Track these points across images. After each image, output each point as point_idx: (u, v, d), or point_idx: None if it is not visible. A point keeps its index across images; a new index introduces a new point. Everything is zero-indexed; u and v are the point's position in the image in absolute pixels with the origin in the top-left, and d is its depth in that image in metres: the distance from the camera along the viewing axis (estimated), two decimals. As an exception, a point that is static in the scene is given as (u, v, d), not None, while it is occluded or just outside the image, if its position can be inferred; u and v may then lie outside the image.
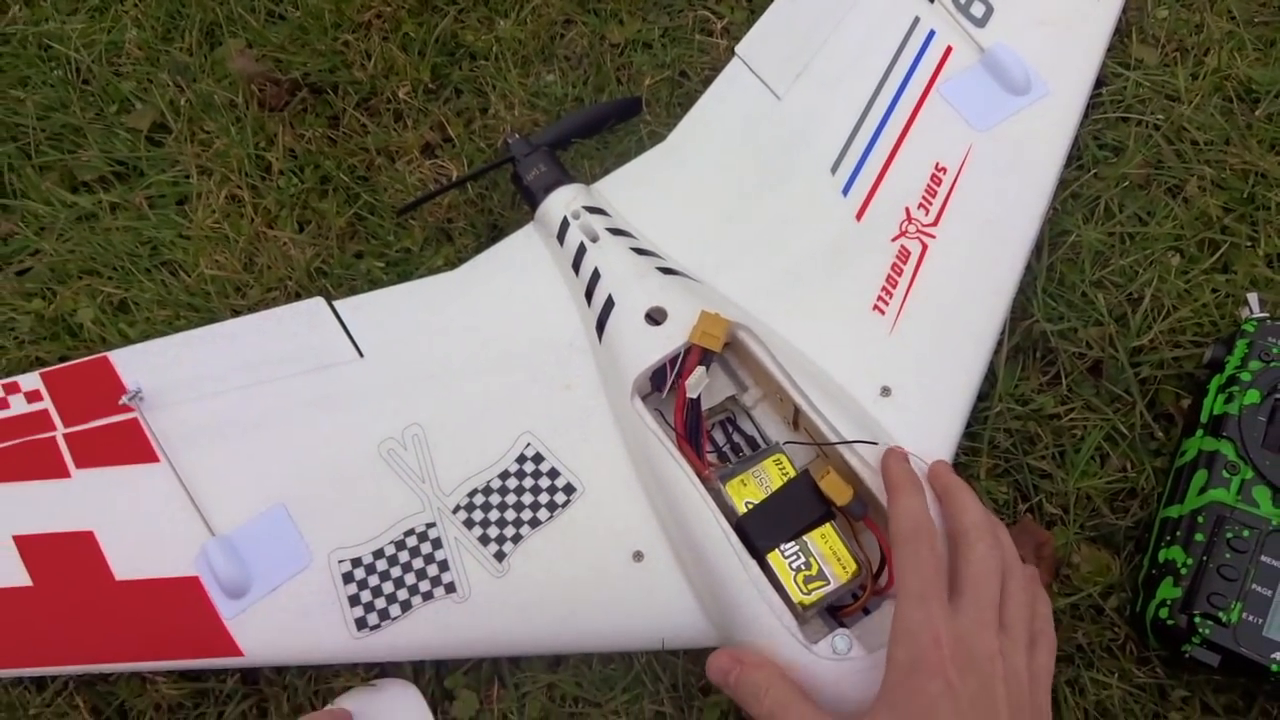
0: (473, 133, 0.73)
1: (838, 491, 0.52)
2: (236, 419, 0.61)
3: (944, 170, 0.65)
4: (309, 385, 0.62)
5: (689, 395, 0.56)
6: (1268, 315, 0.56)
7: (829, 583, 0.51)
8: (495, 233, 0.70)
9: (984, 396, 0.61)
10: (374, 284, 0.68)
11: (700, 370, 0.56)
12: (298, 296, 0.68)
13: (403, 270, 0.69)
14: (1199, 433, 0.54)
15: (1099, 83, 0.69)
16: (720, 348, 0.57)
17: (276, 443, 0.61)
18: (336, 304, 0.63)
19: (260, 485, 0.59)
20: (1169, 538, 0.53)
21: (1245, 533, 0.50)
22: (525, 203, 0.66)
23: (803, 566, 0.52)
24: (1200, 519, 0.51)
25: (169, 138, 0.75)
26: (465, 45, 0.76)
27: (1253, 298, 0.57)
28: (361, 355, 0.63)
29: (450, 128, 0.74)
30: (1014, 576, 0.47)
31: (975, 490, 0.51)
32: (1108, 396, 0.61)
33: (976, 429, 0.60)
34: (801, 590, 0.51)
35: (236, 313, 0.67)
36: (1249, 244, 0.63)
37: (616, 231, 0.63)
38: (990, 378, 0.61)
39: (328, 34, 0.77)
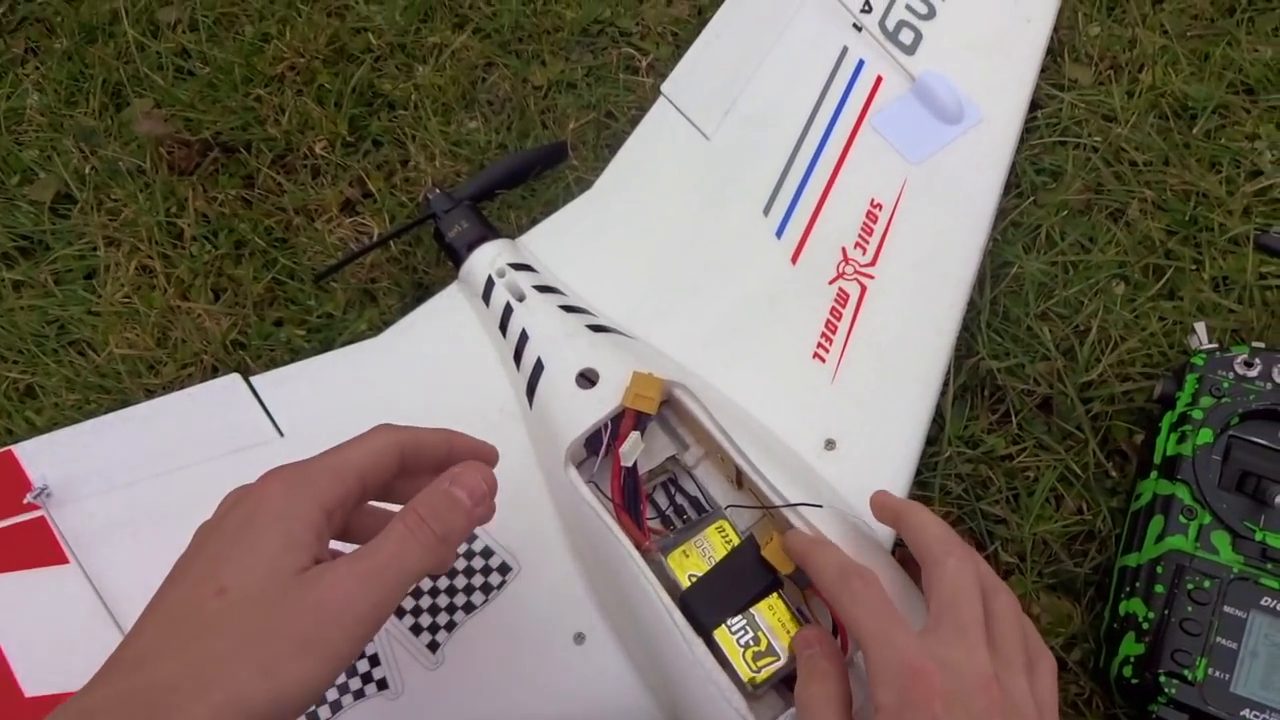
0: (394, 186, 0.71)
1: (781, 560, 0.50)
2: (151, 510, 0.58)
3: (879, 206, 0.63)
4: (228, 469, 0.58)
5: (623, 464, 0.53)
6: (1216, 346, 0.54)
7: (779, 658, 0.49)
8: (421, 291, 0.67)
9: (932, 440, 0.59)
10: (295, 353, 0.65)
11: (634, 436, 0.54)
12: (214, 372, 0.65)
13: (325, 337, 0.66)
14: (1153, 474, 0.53)
15: (1034, 106, 0.67)
16: (655, 409, 0.54)
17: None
18: (254, 380, 0.60)
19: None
20: (1129, 589, 0.51)
21: (1206, 583, 0.48)
22: (449, 260, 0.64)
23: (751, 642, 0.49)
24: (1159, 569, 0.49)
25: (74, 208, 0.72)
26: (383, 95, 0.74)
27: (1200, 327, 0.56)
28: (281, 434, 0.60)
29: (370, 182, 0.71)
30: (997, 593, 0.42)
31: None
32: (1059, 434, 0.59)
33: (926, 476, 0.59)
34: (751, 668, 0.49)
35: (150, 393, 0.64)
36: (1194, 267, 0.62)
37: (544, 288, 0.61)
38: (938, 419, 0.59)
39: (238, 90, 0.74)
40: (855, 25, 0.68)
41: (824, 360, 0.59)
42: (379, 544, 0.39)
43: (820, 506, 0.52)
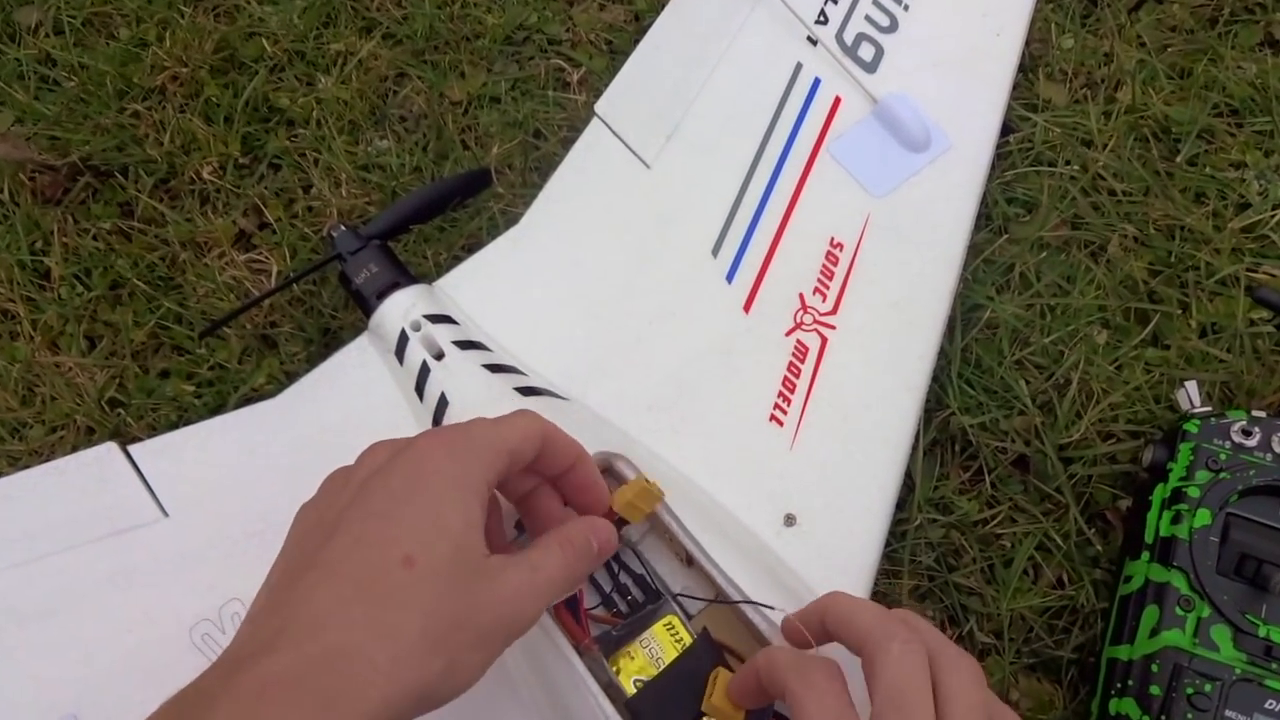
0: (294, 216, 0.64)
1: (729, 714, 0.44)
2: (13, 607, 0.51)
3: (840, 246, 0.57)
4: (103, 557, 0.52)
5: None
6: (1210, 410, 0.50)
7: (734, 773, 0.43)
8: (328, 338, 0.61)
9: (901, 504, 0.55)
10: (183, 412, 0.59)
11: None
12: (89, 435, 0.58)
13: (218, 392, 0.60)
14: (1144, 556, 0.49)
15: (1005, 129, 0.62)
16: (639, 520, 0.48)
17: (64, 635, 0.50)
18: (133, 449, 0.53)
19: (46, 693, 0.49)
20: (1119, 685, 0.47)
21: (1207, 686, 0.44)
22: (358, 308, 0.56)
23: None
24: (1154, 667, 0.45)
25: (-80, 245, 0.62)
26: (280, 110, 0.67)
27: (1191, 386, 0.51)
28: (165, 514, 0.53)
29: (268, 211, 0.64)
30: (954, 670, 0.37)
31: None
32: (1037, 496, 0.55)
33: (894, 546, 0.55)
34: (707, 785, 0.43)
35: (13, 461, 0.57)
36: (1180, 311, 0.58)
37: (465, 344, 0.54)
38: (907, 481, 0.55)
39: (112, 104, 0.66)
40: (810, 38, 0.62)
41: (781, 424, 0.54)
42: (547, 560, 0.39)
43: (773, 609, 0.47)
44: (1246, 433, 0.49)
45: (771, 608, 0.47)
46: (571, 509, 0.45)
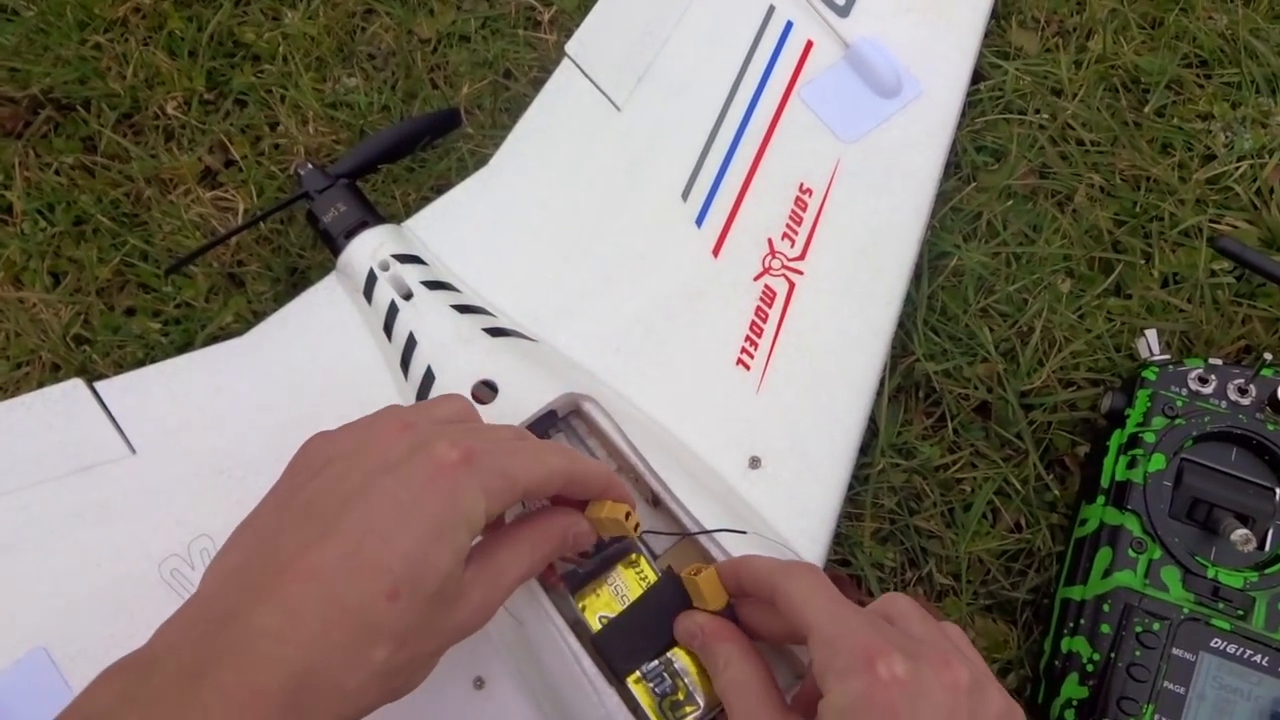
0: (261, 154, 0.63)
1: (713, 596, 0.45)
2: (-16, 541, 0.51)
3: (809, 192, 0.58)
4: (69, 492, 0.53)
5: None
6: (1169, 359, 0.51)
7: (699, 707, 0.45)
8: (296, 277, 0.61)
9: (864, 449, 0.56)
10: (149, 349, 0.59)
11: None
12: (55, 371, 0.58)
13: (185, 330, 0.60)
14: (1100, 500, 0.50)
15: (976, 76, 0.63)
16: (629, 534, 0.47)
17: (32, 569, 0.51)
18: (99, 385, 0.53)
19: (14, 625, 0.50)
20: (1072, 624, 0.49)
21: (1156, 625, 0.46)
22: (326, 247, 0.56)
23: (669, 690, 0.45)
24: (1106, 607, 0.47)
25: (-124, 176, 0.62)
26: (246, 45, 0.66)
27: (1151, 335, 0.52)
28: (133, 450, 0.53)
29: (233, 148, 0.63)
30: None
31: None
32: (997, 442, 0.56)
33: (857, 490, 0.56)
34: (669, 717, 0.45)
35: (-23, 398, 0.56)
36: (1143, 261, 0.59)
37: (434, 284, 0.55)
38: (871, 426, 0.56)
39: (73, 36, 0.65)
40: None
41: (748, 368, 0.54)
42: (515, 564, 0.40)
43: (744, 533, 0.48)
44: (1203, 380, 0.50)
45: (742, 532, 0.48)
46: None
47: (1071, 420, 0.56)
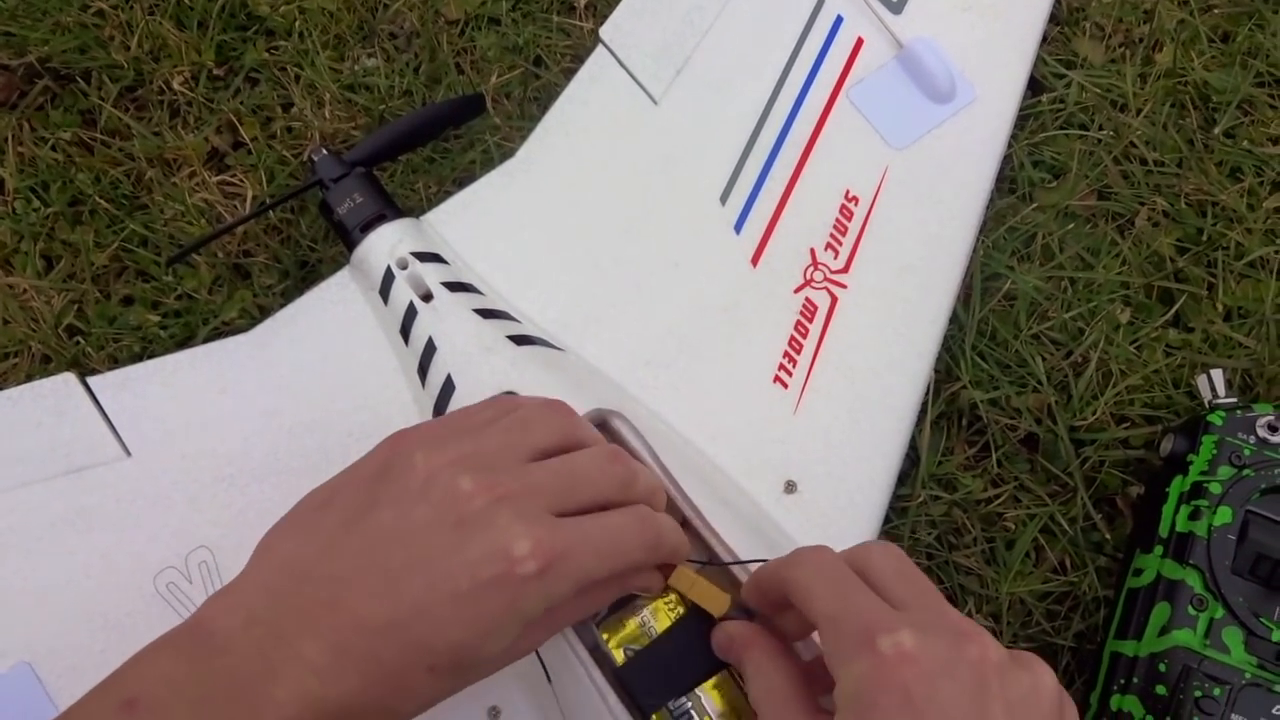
0: (272, 137, 0.61)
1: (713, 600, 0.44)
2: (-35, 542, 0.49)
3: (855, 200, 0.56)
4: (58, 496, 0.51)
5: None
6: (1236, 403, 0.49)
7: (726, 746, 0.43)
8: (305, 270, 0.59)
9: (903, 478, 0.55)
10: (147, 344, 0.57)
11: None
12: (45, 364, 0.57)
13: (186, 323, 0.58)
14: (1157, 550, 0.48)
15: (1038, 87, 0.60)
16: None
17: (16, 578, 0.49)
18: (92, 381, 0.51)
19: (-2, 637, 0.49)
20: (1123, 681, 0.47)
21: (1216, 690, 0.44)
22: (339, 240, 0.54)
23: None
24: (1162, 666, 0.46)
25: None
26: (260, 18, 0.64)
27: (1217, 375, 0.51)
28: (128, 453, 0.51)
29: (243, 129, 0.62)
30: (864, 551, 0.37)
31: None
32: (1044, 477, 0.55)
33: (895, 522, 0.55)
34: (695, 758, 0.43)
35: (-39, 389, 0.54)
36: (1206, 292, 0.57)
37: (456, 286, 0.53)
38: (911, 454, 0.55)
39: (74, 1, 0.62)
40: None
41: (786, 386, 0.53)
42: (560, 622, 0.40)
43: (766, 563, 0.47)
44: (1273, 428, 0.49)
45: (765, 561, 0.46)
46: None
47: (1125, 459, 0.55)
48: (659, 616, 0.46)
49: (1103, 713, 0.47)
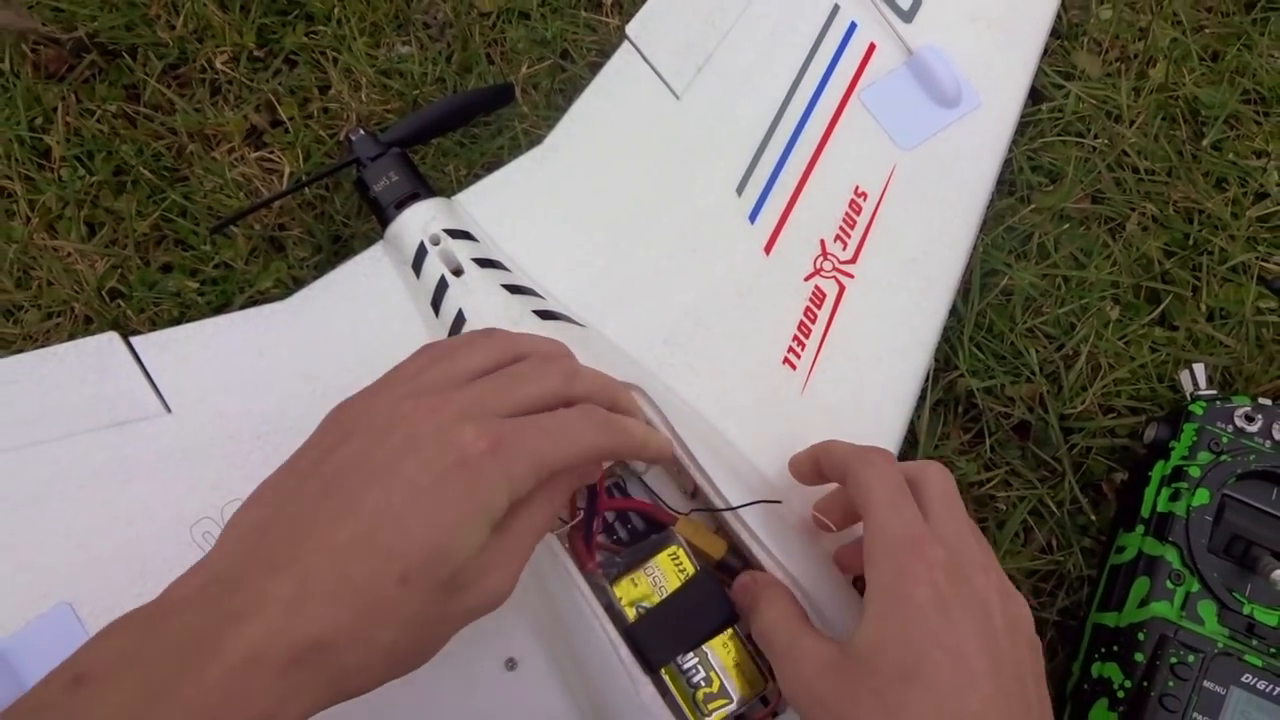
0: (309, 116, 0.63)
1: (710, 545, 0.49)
2: (7, 492, 0.51)
3: (864, 196, 0.59)
4: (101, 448, 0.52)
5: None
6: (1216, 394, 0.52)
7: (731, 700, 0.46)
8: (338, 245, 0.61)
9: (902, 459, 0.55)
10: (185, 309, 0.59)
11: None
12: (87, 324, 0.58)
13: (222, 291, 0.60)
14: (1139, 529, 0.51)
15: (1038, 96, 0.63)
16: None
17: (60, 523, 0.51)
18: (136, 341, 0.53)
19: (40, 579, 0.49)
20: (1104, 649, 0.50)
21: (1190, 657, 0.47)
22: (374, 217, 0.56)
23: (703, 682, 0.46)
24: (1141, 635, 0.48)
25: (-86, 109, 0.61)
26: (301, 3, 0.67)
27: (1199, 369, 0.53)
28: (168, 409, 0.53)
29: (281, 108, 0.63)
30: (921, 470, 0.43)
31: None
32: (1034, 462, 0.57)
33: None
34: (701, 710, 0.46)
35: (6, 344, 0.57)
36: (1190, 294, 0.60)
37: (485, 262, 0.55)
38: (909, 437, 0.57)
39: (123, -20, 0.64)
40: None
41: (794, 367, 0.55)
42: (524, 534, 0.39)
43: (779, 502, 0.50)
44: (1249, 418, 0.51)
45: (778, 501, 0.50)
46: None
47: (1110, 446, 0.57)
48: (669, 576, 0.48)
49: (1084, 679, 0.50)
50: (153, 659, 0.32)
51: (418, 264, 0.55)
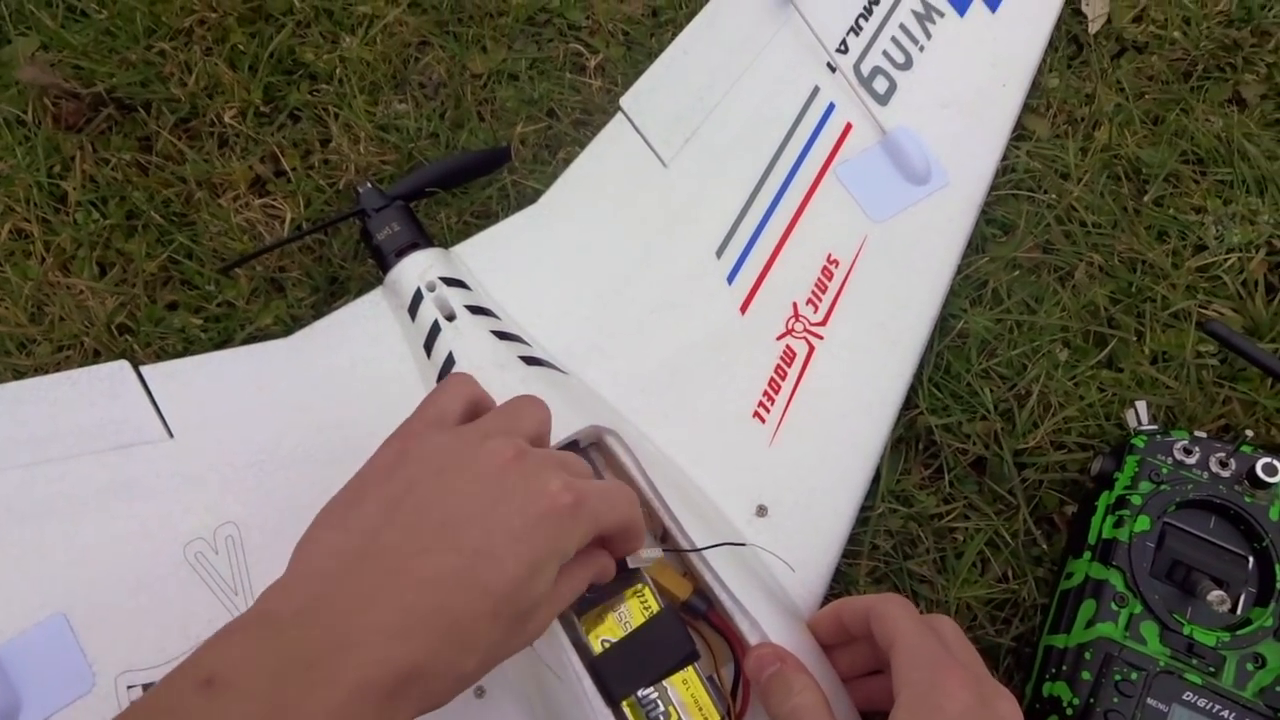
0: (310, 167, 0.66)
1: (676, 586, 0.50)
2: (13, 505, 0.53)
3: (836, 263, 0.62)
4: (105, 468, 0.55)
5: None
6: (1157, 429, 0.55)
7: (687, 736, 0.47)
8: (335, 287, 0.64)
9: (867, 493, 0.58)
10: (189, 344, 0.61)
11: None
12: (96, 357, 0.61)
13: (225, 328, 0.62)
14: (1086, 555, 0.53)
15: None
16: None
17: (60, 537, 0.53)
18: (145, 370, 0.56)
19: (38, 589, 0.51)
20: (1054, 670, 0.51)
21: (1133, 675, 0.49)
22: (375, 263, 0.59)
23: (661, 716, 0.47)
24: (1087, 655, 0.50)
25: (-61, 156, 0.64)
26: (305, 64, 0.69)
27: (1141, 406, 0.56)
28: (170, 435, 0.55)
29: (285, 160, 0.66)
30: (936, 619, 0.47)
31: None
32: (990, 496, 0.59)
33: (857, 530, 0.59)
34: (659, 744, 0.47)
35: (19, 375, 0.59)
36: (1135, 338, 0.63)
37: (476, 309, 0.57)
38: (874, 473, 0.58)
39: (140, 41, 0.68)
40: (830, 65, 0.67)
41: (764, 420, 0.58)
42: (572, 586, 0.43)
43: (744, 545, 0.52)
44: (1188, 451, 0.54)
45: (741, 544, 0.52)
46: None
47: (1061, 480, 0.60)
48: (634, 614, 0.49)
49: (1036, 699, 0.51)
50: (276, 672, 0.34)
51: (413, 308, 0.58)
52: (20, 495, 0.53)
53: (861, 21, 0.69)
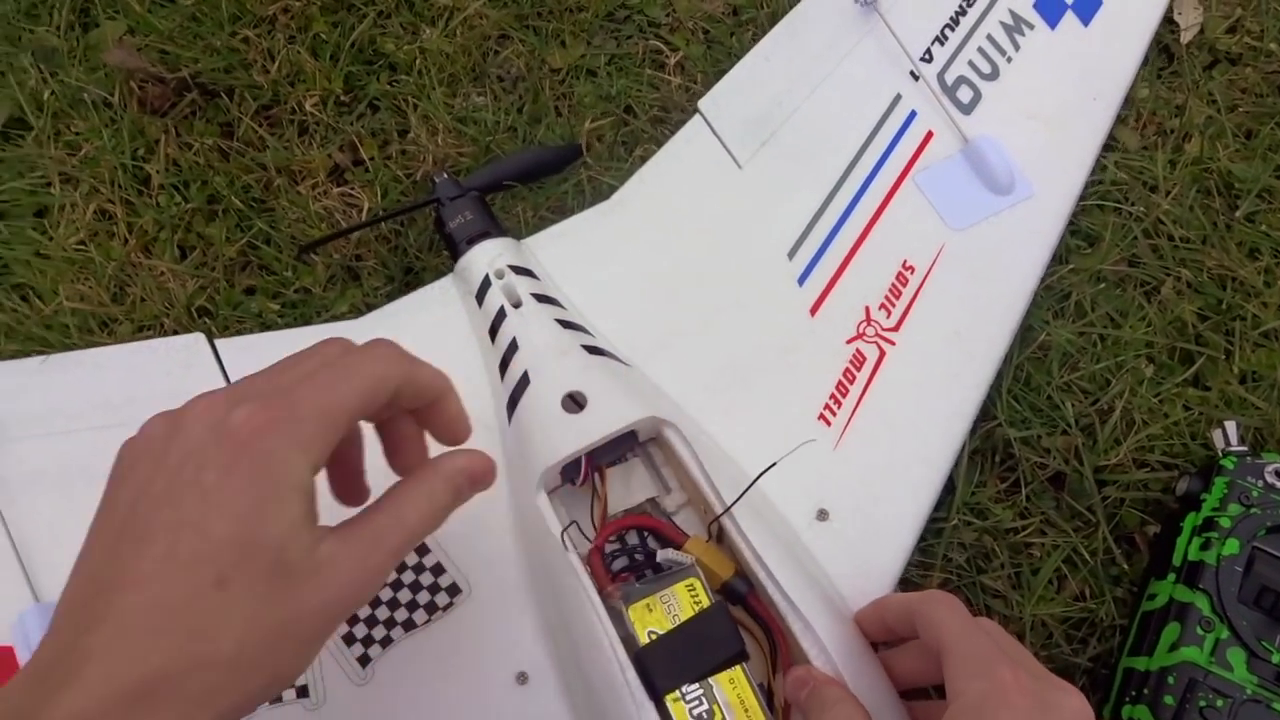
0: (389, 157, 0.66)
1: (721, 565, 0.49)
2: (87, 465, 0.51)
3: (911, 269, 0.60)
4: None
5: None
6: (1247, 451, 0.53)
7: (731, 736, 0.45)
8: (409, 277, 0.63)
9: (940, 505, 0.57)
10: (267, 328, 0.62)
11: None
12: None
13: (301, 313, 0.62)
14: (1170, 577, 0.51)
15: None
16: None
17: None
18: (219, 343, 0.56)
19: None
20: (1134, 693, 0.49)
21: (1219, 702, 0.47)
22: (446, 251, 0.59)
23: (705, 715, 0.45)
24: (1170, 679, 0.48)
25: (28, 136, 0.65)
26: (385, 55, 0.69)
27: (1231, 426, 0.54)
28: (239, 406, 0.54)
29: (363, 149, 0.66)
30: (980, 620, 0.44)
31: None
32: (1068, 513, 0.58)
33: (930, 542, 0.57)
34: (700, 742, 0.45)
35: (100, 352, 0.58)
36: (1224, 357, 0.60)
37: (542, 298, 0.57)
38: (948, 485, 0.57)
39: (225, 27, 0.68)
40: (913, 73, 0.65)
41: (829, 424, 0.56)
42: (388, 529, 0.36)
43: (813, 441, 0.53)
44: (1279, 474, 0.52)
45: (814, 440, 0.52)
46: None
47: (1143, 499, 0.57)
48: (684, 606, 0.48)
49: (1115, 722, 0.50)
50: (27, 681, 0.31)
51: (481, 294, 0.57)
52: (94, 457, 0.51)
53: (947, 31, 0.67)
